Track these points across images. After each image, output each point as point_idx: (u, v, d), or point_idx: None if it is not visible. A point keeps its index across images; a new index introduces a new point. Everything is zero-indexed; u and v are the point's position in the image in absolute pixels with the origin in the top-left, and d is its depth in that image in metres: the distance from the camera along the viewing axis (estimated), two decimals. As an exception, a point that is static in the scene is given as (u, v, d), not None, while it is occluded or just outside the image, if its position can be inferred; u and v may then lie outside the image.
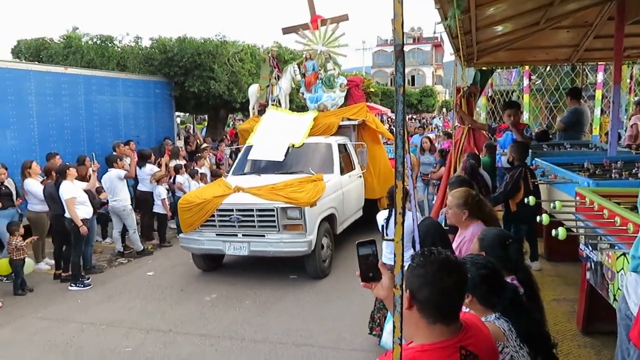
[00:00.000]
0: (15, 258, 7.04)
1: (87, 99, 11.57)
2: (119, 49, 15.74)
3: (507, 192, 5.61)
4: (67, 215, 7.30)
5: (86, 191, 7.67)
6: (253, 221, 6.98)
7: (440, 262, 1.60)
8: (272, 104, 10.38)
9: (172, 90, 14.84)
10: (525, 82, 11.98)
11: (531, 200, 4.47)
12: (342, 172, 8.42)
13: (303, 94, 10.45)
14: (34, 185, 7.99)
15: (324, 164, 8.35)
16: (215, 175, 10.32)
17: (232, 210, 7.06)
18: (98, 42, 15.42)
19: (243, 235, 7.07)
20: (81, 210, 7.35)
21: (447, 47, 71.29)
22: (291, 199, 6.86)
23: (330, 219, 7.66)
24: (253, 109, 10.89)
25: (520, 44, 7.19)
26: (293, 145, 8.67)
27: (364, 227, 8.29)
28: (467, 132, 7.57)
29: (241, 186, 7.31)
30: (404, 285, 1.75)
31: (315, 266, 7.14)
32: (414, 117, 42.65)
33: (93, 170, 8.15)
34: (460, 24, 4.20)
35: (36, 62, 13.85)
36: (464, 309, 2.08)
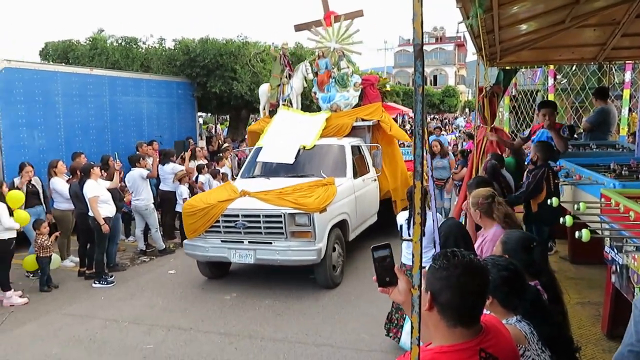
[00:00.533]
0: (41, 255, 7.21)
1: (111, 100, 11.79)
2: (143, 51, 15.98)
3: (529, 192, 5.52)
4: (90, 213, 7.44)
5: (110, 190, 7.81)
6: (259, 227, 6.68)
7: (464, 266, 1.58)
8: (284, 104, 10.06)
9: (194, 91, 15.00)
10: (550, 81, 11.76)
11: (554, 201, 4.39)
12: (356, 176, 8.08)
13: (315, 93, 10.10)
14: (60, 184, 8.16)
15: (336, 166, 8.00)
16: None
17: (237, 215, 6.78)
18: (123, 43, 15.69)
19: (249, 242, 6.78)
20: (104, 208, 7.49)
21: (470, 47, 70.37)
22: (300, 205, 6.53)
23: (342, 225, 7.34)
24: (264, 109, 10.57)
25: (544, 43, 7.05)
26: (304, 147, 8.32)
27: (379, 233, 8.24)
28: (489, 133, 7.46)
29: (247, 190, 7.01)
30: (422, 286, 1.74)
31: (325, 275, 6.83)
32: (436, 117, 42.24)
33: (116, 170, 8.30)
34: (483, 23, 4.15)
35: (63, 64, 14.16)
36: (485, 310, 2.05)
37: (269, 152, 8.46)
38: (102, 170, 8.25)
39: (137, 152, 10.09)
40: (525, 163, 7.13)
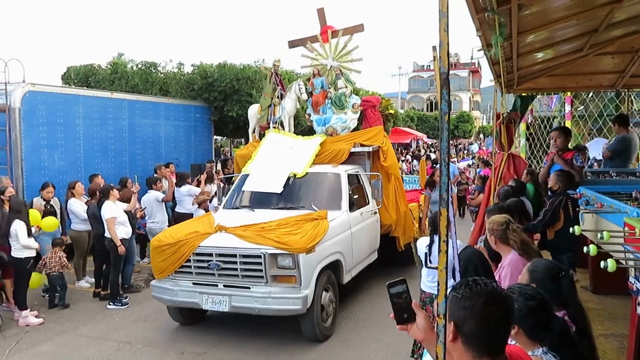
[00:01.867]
0: (53, 272, 7.27)
1: (130, 123, 11.98)
2: (162, 75, 16.30)
3: (546, 220, 5.46)
4: (107, 234, 7.50)
5: (126, 212, 7.88)
6: (236, 269, 5.72)
7: (488, 295, 1.56)
8: (274, 127, 9.07)
9: (211, 115, 15.21)
10: (567, 108, 11.71)
11: (577, 229, 4.32)
12: (352, 208, 7.13)
13: (310, 115, 9.12)
14: (77, 205, 8.26)
15: (330, 198, 7.07)
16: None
17: (211, 254, 5.81)
18: (142, 68, 16.03)
19: (224, 286, 5.81)
20: (120, 230, 7.54)
21: (485, 73, 70.74)
22: (282, 244, 5.56)
23: (334, 267, 6.36)
24: (253, 132, 9.56)
25: (562, 70, 7.06)
26: (294, 175, 7.37)
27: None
28: (506, 159, 7.43)
29: (224, 225, 6.04)
30: (447, 315, 1.71)
31: (312, 327, 5.84)
32: (450, 142, 42.16)
33: (133, 192, 8.39)
34: (502, 50, 4.17)
35: (84, 87, 14.48)
36: (510, 340, 2.01)
37: (255, 180, 7.52)
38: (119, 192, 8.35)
39: (155, 175, 10.20)
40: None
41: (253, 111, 9.56)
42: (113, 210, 7.51)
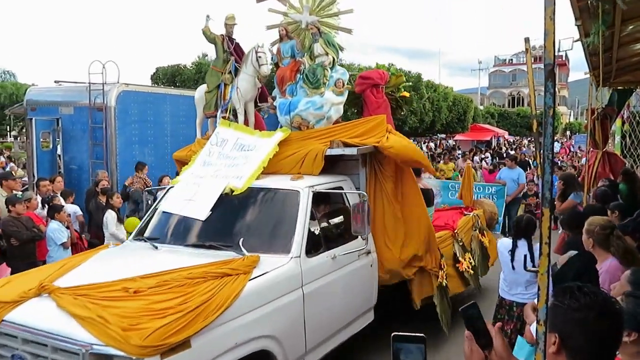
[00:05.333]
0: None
1: (213, 120, 12.46)
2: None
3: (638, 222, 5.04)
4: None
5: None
6: None
7: (600, 306, 1.44)
8: (224, 117, 5.93)
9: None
10: (670, 103, 10.75)
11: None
12: (318, 249, 4.44)
13: (274, 99, 6.08)
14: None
15: (275, 232, 4.56)
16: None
17: (15, 336, 3.30)
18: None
19: None
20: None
21: (573, 66, 66.64)
22: (116, 337, 2.95)
23: None
24: (200, 125, 6.58)
25: (667, 61, 6.49)
26: (232, 191, 4.67)
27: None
28: (601, 157, 6.95)
29: (52, 284, 3.47)
30: (545, 322, 1.61)
31: None
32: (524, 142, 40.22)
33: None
34: (602, 40, 3.89)
35: (171, 87, 15.28)
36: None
37: (176, 198, 5.00)
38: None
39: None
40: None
41: (199, 94, 6.45)
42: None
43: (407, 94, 6.71)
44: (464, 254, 6.18)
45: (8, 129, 28.62)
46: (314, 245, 4.44)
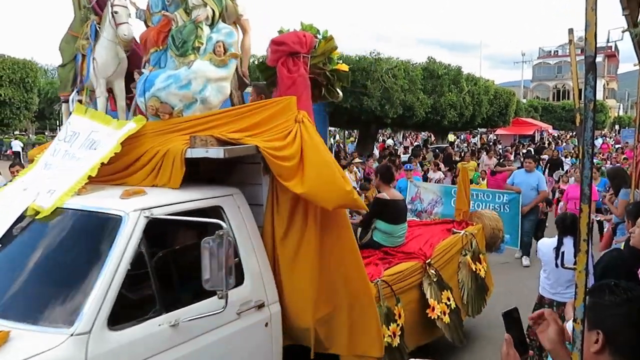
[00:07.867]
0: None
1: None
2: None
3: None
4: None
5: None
6: None
7: None
8: (80, 100, 4.15)
9: (326, 106, 15.53)
10: None
11: None
12: (141, 314, 2.67)
13: (140, 74, 4.14)
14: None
15: (61, 287, 2.75)
16: (364, 188, 10.37)
17: None
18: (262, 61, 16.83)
19: None
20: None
21: (623, 57, 63.82)
22: None
23: None
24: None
25: None
26: (36, 214, 2.95)
27: None
28: (650, 152, 6.65)
29: None
30: (583, 321, 1.59)
31: None
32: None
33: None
34: (652, 30, 3.73)
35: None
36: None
37: None
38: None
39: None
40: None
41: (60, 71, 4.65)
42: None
43: (343, 67, 4.65)
44: (439, 293, 4.41)
45: (58, 124, 29.94)
46: (137, 308, 2.74)
